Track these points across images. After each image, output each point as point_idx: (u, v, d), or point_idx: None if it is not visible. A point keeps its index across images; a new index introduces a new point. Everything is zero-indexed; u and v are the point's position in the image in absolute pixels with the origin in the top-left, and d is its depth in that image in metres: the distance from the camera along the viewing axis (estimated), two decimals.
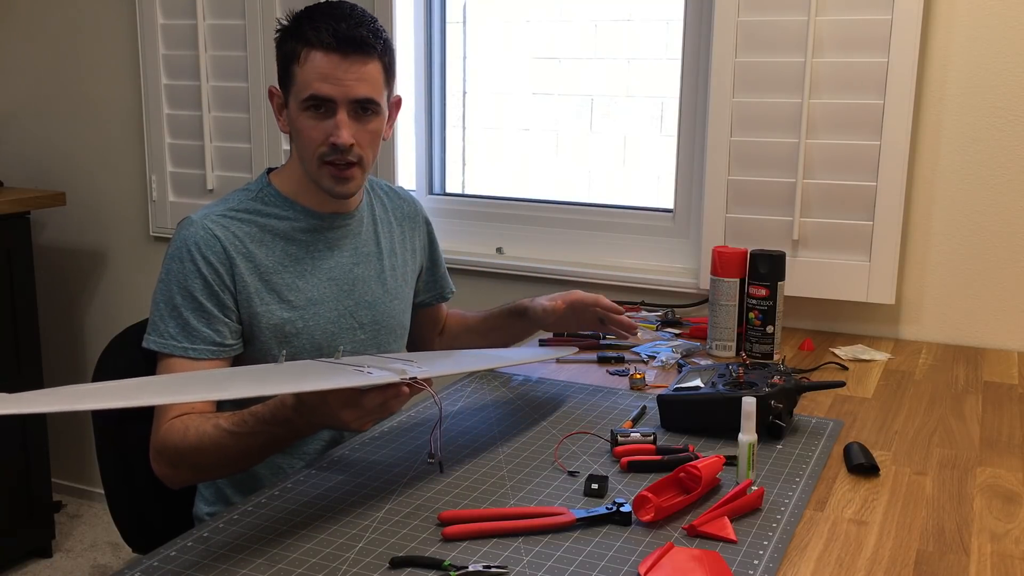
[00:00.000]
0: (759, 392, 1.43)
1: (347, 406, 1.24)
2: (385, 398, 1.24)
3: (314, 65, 1.48)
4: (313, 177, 1.55)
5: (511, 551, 1.13)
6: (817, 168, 2.09)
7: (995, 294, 2.05)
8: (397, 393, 1.24)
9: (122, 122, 2.93)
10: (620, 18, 2.46)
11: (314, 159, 1.52)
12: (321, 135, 1.50)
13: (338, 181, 1.54)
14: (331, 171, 1.53)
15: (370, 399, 1.23)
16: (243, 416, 1.35)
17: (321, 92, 1.48)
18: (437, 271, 1.86)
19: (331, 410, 1.24)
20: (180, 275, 1.49)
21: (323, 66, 1.48)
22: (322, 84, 1.48)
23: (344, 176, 1.53)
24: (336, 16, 1.49)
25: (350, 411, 1.24)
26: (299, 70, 1.49)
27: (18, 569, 2.88)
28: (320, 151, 1.51)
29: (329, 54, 1.48)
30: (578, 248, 2.47)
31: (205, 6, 2.69)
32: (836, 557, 1.14)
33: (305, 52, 1.49)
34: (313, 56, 1.48)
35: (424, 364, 1.33)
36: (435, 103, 2.64)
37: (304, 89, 1.49)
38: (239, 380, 1.26)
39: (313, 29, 1.48)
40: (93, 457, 1.67)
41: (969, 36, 2.00)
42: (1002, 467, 1.41)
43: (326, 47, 1.47)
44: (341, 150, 1.50)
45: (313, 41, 1.48)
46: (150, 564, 1.11)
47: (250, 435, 1.34)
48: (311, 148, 1.52)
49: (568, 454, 1.42)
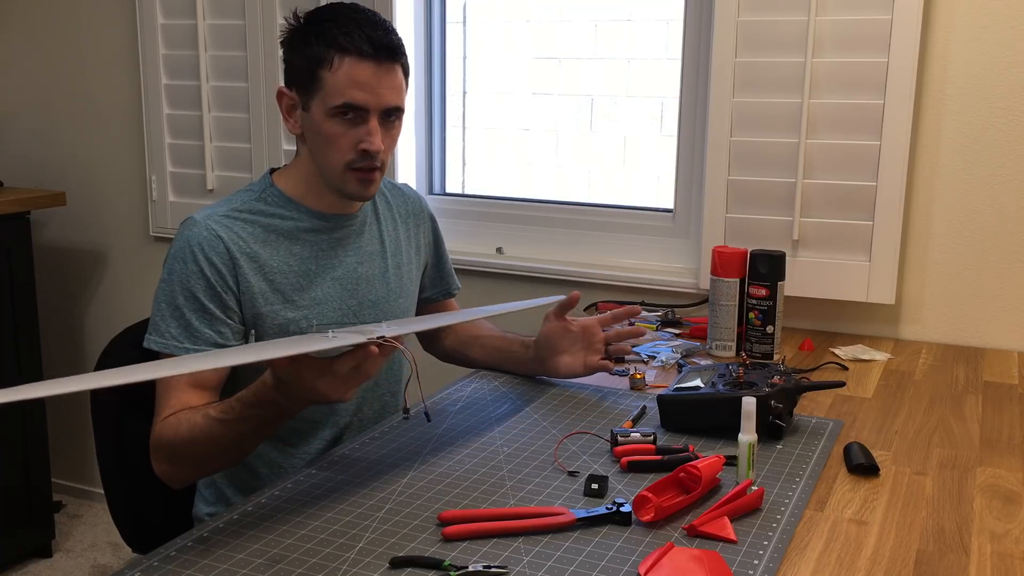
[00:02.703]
0: (759, 392, 1.43)
1: (321, 375, 1.23)
2: (356, 361, 1.23)
3: (348, 72, 1.47)
4: (334, 182, 1.54)
5: (511, 551, 1.13)
6: (817, 168, 2.09)
7: (995, 294, 2.05)
8: (367, 354, 1.23)
9: (122, 122, 2.93)
10: (620, 18, 2.46)
11: (340, 164, 1.52)
12: (350, 141, 1.50)
13: (364, 185, 1.54)
14: (357, 176, 1.53)
15: (341, 364, 1.23)
16: (230, 403, 1.36)
17: (356, 100, 1.48)
18: (442, 267, 1.86)
19: (307, 383, 1.24)
20: (182, 275, 1.49)
21: (358, 74, 1.47)
22: (357, 92, 1.47)
23: (370, 179, 1.54)
24: (366, 23, 1.49)
25: (325, 380, 1.24)
26: (330, 75, 1.48)
27: (18, 569, 2.88)
28: (348, 157, 1.51)
29: (365, 62, 1.47)
30: (578, 248, 2.47)
31: (205, 6, 2.69)
32: (836, 557, 1.14)
33: (338, 58, 1.47)
34: (347, 63, 1.47)
35: (392, 326, 1.32)
36: (435, 103, 2.64)
37: (336, 96, 1.48)
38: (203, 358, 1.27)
39: (346, 35, 1.47)
40: (93, 457, 1.67)
41: (969, 36, 2.00)
42: (1002, 467, 1.41)
43: (362, 55, 1.47)
44: (371, 156, 1.51)
45: (348, 48, 1.47)
46: (150, 564, 1.11)
47: (239, 420, 1.35)
48: (338, 154, 1.51)
49: (568, 454, 1.42)
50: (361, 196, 1.57)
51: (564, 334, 1.68)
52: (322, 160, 1.54)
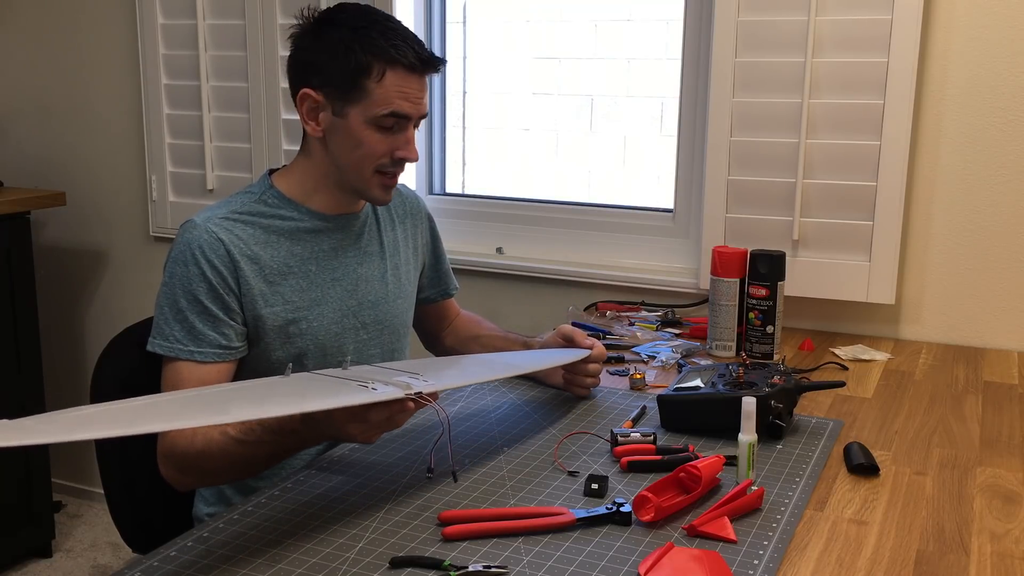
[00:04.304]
0: (759, 392, 1.43)
1: (353, 420, 1.25)
2: (391, 413, 1.25)
3: (396, 83, 1.51)
4: (357, 185, 1.57)
5: (511, 551, 1.13)
6: (817, 168, 2.09)
7: (995, 294, 2.05)
8: (403, 408, 1.25)
9: (122, 122, 2.93)
10: (620, 18, 2.46)
11: (370, 169, 1.55)
12: (387, 148, 1.54)
13: (387, 191, 1.59)
14: (383, 180, 1.57)
15: (375, 413, 1.24)
16: (251, 425, 1.35)
17: (403, 110, 1.52)
18: (440, 267, 1.86)
19: (337, 424, 1.25)
20: (184, 279, 1.49)
21: (406, 85, 1.52)
22: (404, 103, 1.52)
23: (393, 185, 1.60)
24: (406, 35, 1.53)
25: (356, 425, 1.25)
26: (374, 85, 1.50)
27: (18, 569, 2.88)
28: (381, 162, 1.55)
29: (412, 74, 1.52)
30: (578, 248, 2.47)
31: (205, 6, 2.69)
32: (836, 557, 1.14)
33: (389, 70, 1.50)
34: (396, 74, 1.51)
35: (431, 376, 1.33)
36: (435, 103, 2.64)
37: (383, 105, 1.51)
38: (242, 401, 1.26)
39: (393, 47, 1.50)
40: (93, 457, 1.67)
41: (969, 36, 2.00)
42: (1002, 467, 1.41)
43: (410, 68, 1.51)
44: (402, 163, 1.56)
45: (397, 59, 1.50)
46: (150, 564, 1.11)
47: (257, 444, 1.35)
48: (371, 159, 1.54)
49: (568, 454, 1.42)
50: (382, 200, 1.61)
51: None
52: (350, 163, 1.55)
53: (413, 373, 1.33)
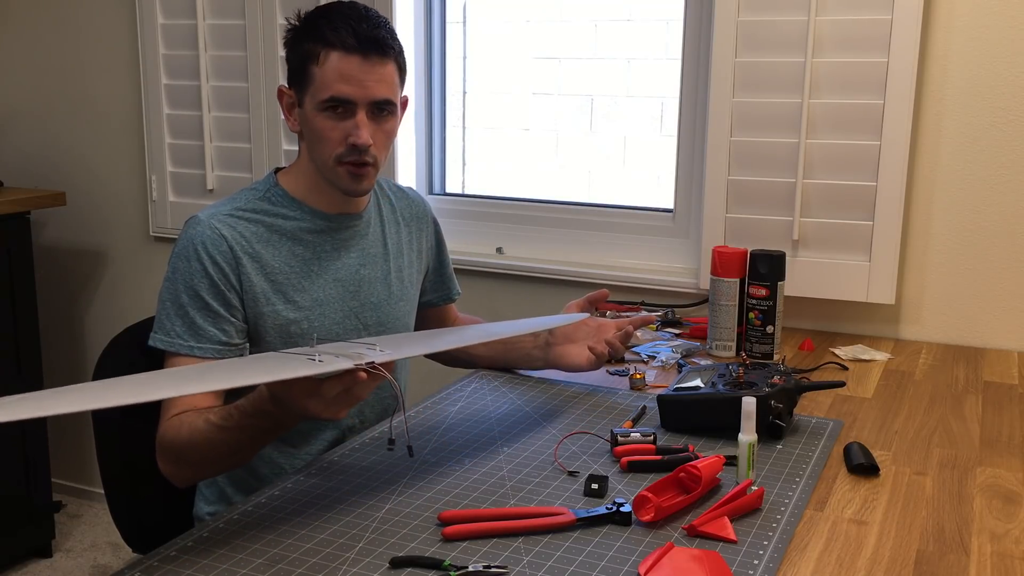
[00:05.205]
0: (759, 392, 1.43)
1: (310, 396, 1.22)
2: (344, 385, 1.22)
3: (334, 66, 1.48)
4: (328, 177, 1.55)
5: (511, 551, 1.13)
6: (817, 168, 2.09)
7: (995, 294, 2.05)
8: (356, 379, 1.22)
9: (122, 122, 2.93)
10: (620, 18, 2.46)
11: (331, 159, 1.53)
12: (339, 135, 1.51)
13: (355, 179, 1.54)
14: (348, 169, 1.53)
15: (328, 388, 1.22)
16: (229, 410, 1.35)
17: (342, 93, 1.48)
18: (444, 272, 1.85)
19: (297, 402, 1.24)
20: (186, 274, 1.49)
21: (344, 67, 1.48)
22: (343, 85, 1.48)
23: (360, 174, 1.54)
24: (355, 17, 1.49)
25: (313, 401, 1.23)
26: (318, 70, 1.49)
27: (18, 569, 2.88)
28: (337, 151, 1.52)
29: (350, 55, 1.48)
30: (578, 248, 2.47)
31: (205, 6, 2.69)
32: (836, 557, 1.14)
33: (324, 52, 1.48)
34: (333, 57, 1.48)
35: (388, 347, 1.30)
36: (435, 103, 2.64)
37: (324, 90, 1.49)
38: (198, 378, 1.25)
39: (332, 29, 1.48)
40: (93, 457, 1.67)
41: (969, 36, 2.00)
42: (1002, 467, 1.41)
43: (347, 48, 1.48)
44: (360, 151, 1.51)
45: (333, 42, 1.48)
46: (150, 564, 1.11)
47: (237, 428, 1.35)
48: (328, 148, 1.52)
49: (568, 454, 1.42)
50: (353, 191, 1.57)
51: (579, 325, 1.69)
52: (315, 155, 1.55)
53: (370, 344, 1.32)
